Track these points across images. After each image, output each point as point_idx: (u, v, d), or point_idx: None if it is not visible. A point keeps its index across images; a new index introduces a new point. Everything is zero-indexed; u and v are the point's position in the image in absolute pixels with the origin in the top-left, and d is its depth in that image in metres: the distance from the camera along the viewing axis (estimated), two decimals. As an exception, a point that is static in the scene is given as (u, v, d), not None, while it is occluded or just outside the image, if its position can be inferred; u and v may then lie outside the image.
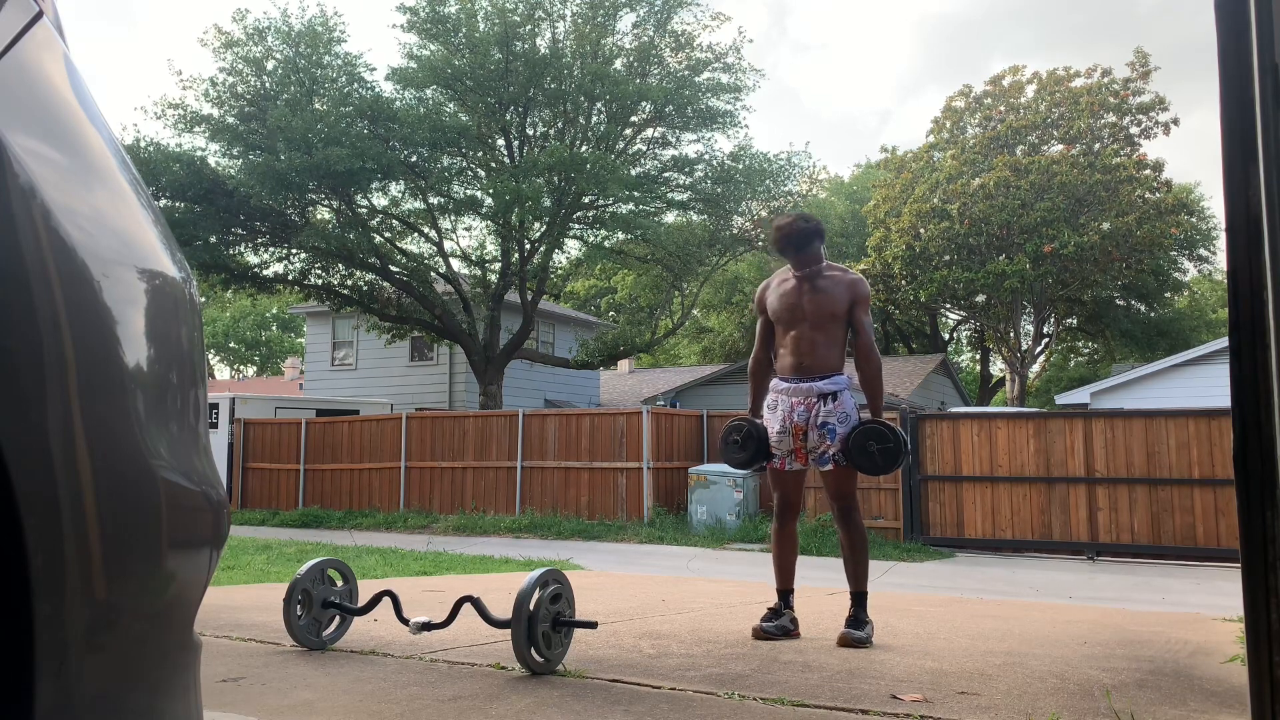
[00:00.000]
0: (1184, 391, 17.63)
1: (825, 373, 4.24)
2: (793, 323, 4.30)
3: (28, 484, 0.78)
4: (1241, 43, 1.71)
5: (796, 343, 4.28)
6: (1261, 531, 1.66)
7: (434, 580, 7.20)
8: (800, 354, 4.26)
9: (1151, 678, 3.53)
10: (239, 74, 19.05)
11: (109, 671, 0.89)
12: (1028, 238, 25.55)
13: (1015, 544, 12.17)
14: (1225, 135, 1.74)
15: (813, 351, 4.25)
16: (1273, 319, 1.64)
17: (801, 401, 4.23)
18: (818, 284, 4.27)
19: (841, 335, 4.30)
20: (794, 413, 4.24)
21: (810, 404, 4.21)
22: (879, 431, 4.09)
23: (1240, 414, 1.71)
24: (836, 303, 4.23)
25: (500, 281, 20.76)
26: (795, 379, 4.27)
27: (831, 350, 4.26)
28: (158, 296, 1.05)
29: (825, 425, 4.17)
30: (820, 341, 4.24)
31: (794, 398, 4.25)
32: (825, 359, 4.25)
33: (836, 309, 4.23)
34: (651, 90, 19.01)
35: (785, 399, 4.28)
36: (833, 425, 4.16)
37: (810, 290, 4.27)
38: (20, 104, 0.91)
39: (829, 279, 4.28)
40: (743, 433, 4.36)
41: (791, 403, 4.25)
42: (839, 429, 4.15)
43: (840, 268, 4.40)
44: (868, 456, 4.08)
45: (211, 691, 2.97)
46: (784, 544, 4.41)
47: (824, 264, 4.33)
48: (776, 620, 4.25)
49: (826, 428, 4.17)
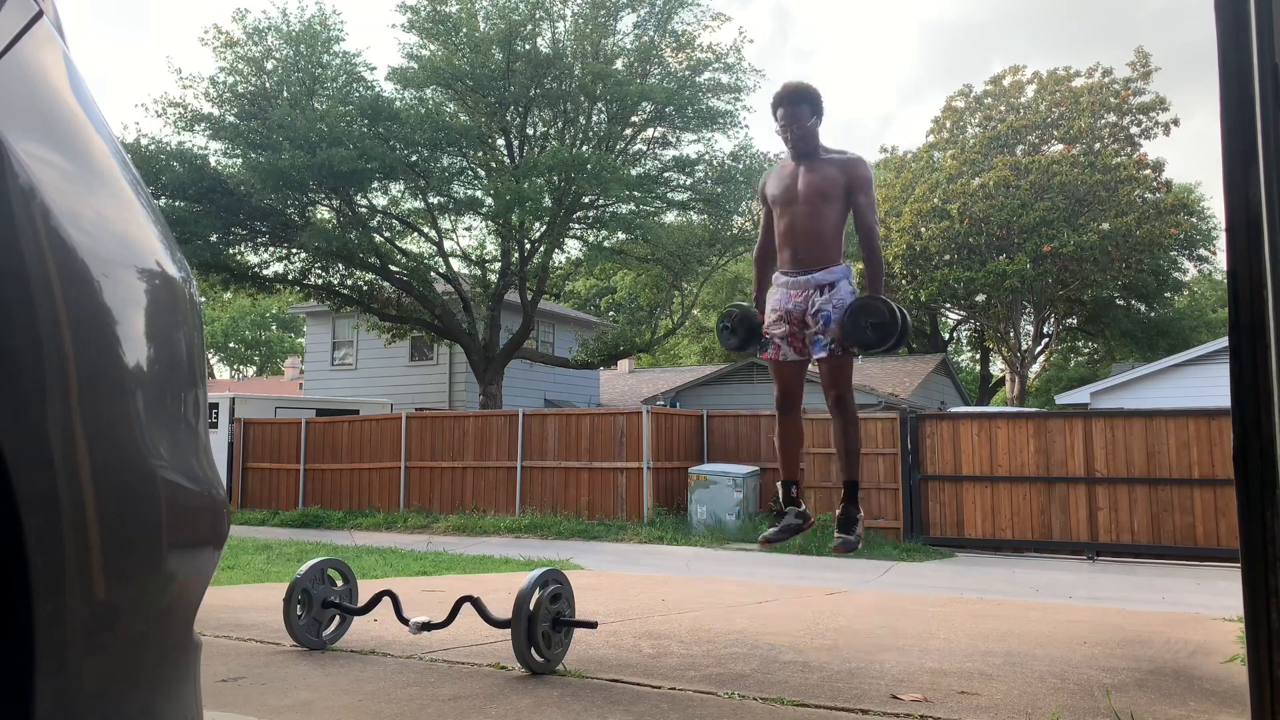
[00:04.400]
0: (1184, 391, 17.63)
1: (822, 265, 4.16)
2: (788, 209, 4.20)
3: (28, 484, 0.78)
4: (1241, 43, 1.71)
5: (791, 231, 4.19)
6: (1261, 531, 1.66)
7: (434, 580, 7.19)
8: (796, 244, 4.18)
9: (1151, 678, 3.53)
10: (239, 73, 19.06)
11: (109, 671, 0.89)
12: (1028, 237, 25.55)
13: (1015, 544, 12.17)
14: (1225, 135, 1.74)
15: (808, 242, 4.15)
16: (1273, 319, 1.64)
17: (799, 293, 4.17)
18: (813, 166, 4.16)
19: (838, 221, 4.18)
20: (789, 303, 4.18)
21: (807, 295, 4.16)
22: (873, 306, 4.00)
23: (1240, 414, 1.71)
24: (830, 184, 4.11)
25: (500, 281, 20.76)
26: (793, 272, 4.20)
27: (827, 238, 4.16)
28: (158, 297, 1.05)
29: (820, 312, 4.11)
30: (814, 227, 4.14)
31: (791, 290, 4.19)
32: (822, 249, 4.15)
33: (830, 190, 4.11)
34: (652, 90, 19.00)
35: (783, 290, 4.22)
36: (828, 312, 4.10)
37: (805, 173, 4.17)
38: (20, 103, 0.91)
39: (824, 161, 4.17)
40: (734, 319, 4.36)
41: (789, 294, 4.19)
42: (834, 315, 4.09)
43: (839, 150, 4.26)
44: (858, 330, 4.00)
45: (211, 691, 2.97)
46: (787, 433, 4.34)
47: (822, 148, 4.21)
48: (781, 523, 4.22)
49: (821, 314, 4.11)
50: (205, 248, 18.37)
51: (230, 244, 19.68)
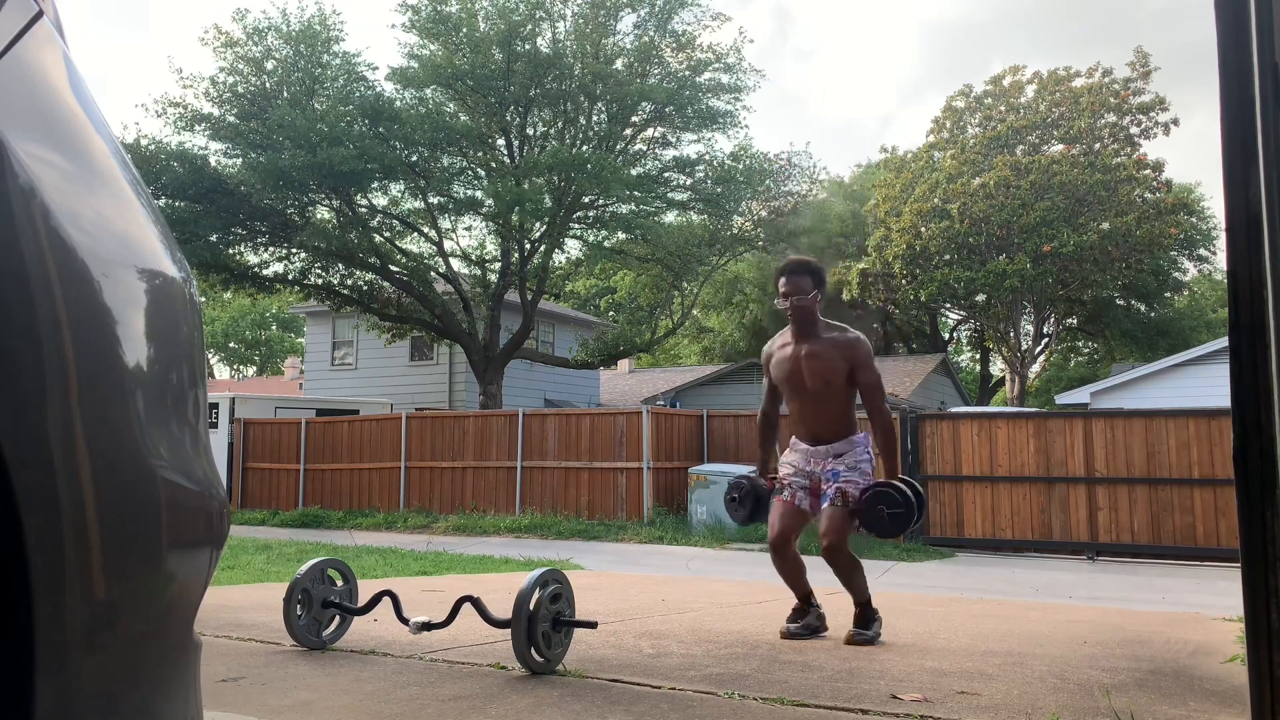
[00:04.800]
0: (1184, 391, 17.63)
1: (838, 439, 4.30)
2: (795, 393, 4.34)
3: (28, 484, 0.78)
4: (1241, 43, 1.71)
5: (803, 414, 4.34)
6: (1261, 531, 1.66)
7: (434, 580, 7.19)
8: (808, 425, 4.34)
9: (1151, 678, 3.53)
10: (239, 73, 19.07)
11: (109, 671, 0.89)
12: (1028, 237, 25.53)
13: (1015, 544, 12.17)
14: (1225, 135, 1.74)
15: (820, 424, 4.30)
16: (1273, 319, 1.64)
17: (819, 461, 4.31)
18: (814, 351, 4.25)
19: (847, 399, 4.31)
20: (808, 464, 4.33)
21: (825, 463, 4.30)
22: (890, 495, 4.08)
23: (1240, 414, 1.71)
24: (834, 372, 4.23)
25: (500, 281, 20.76)
26: (811, 443, 4.35)
27: (839, 417, 4.30)
28: (158, 297, 1.05)
29: (831, 471, 4.24)
30: (825, 411, 4.28)
31: (812, 458, 4.33)
32: (836, 428, 4.30)
33: (834, 378, 4.24)
34: (652, 90, 19.00)
35: (804, 457, 4.35)
36: (838, 470, 4.22)
37: (807, 358, 4.26)
38: (20, 103, 0.91)
39: (825, 343, 4.25)
40: (742, 490, 4.49)
41: (810, 460, 4.33)
42: (844, 473, 4.20)
43: (839, 327, 4.35)
44: (877, 519, 4.09)
45: (211, 691, 2.97)
46: (788, 567, 4.36)
47: (820, 324, 4.29)
48: (802, 620, 4.27)
49: (831, 473, 4.24)
50: (205, 248, 18.37)
51: (230, 244, 19.68)
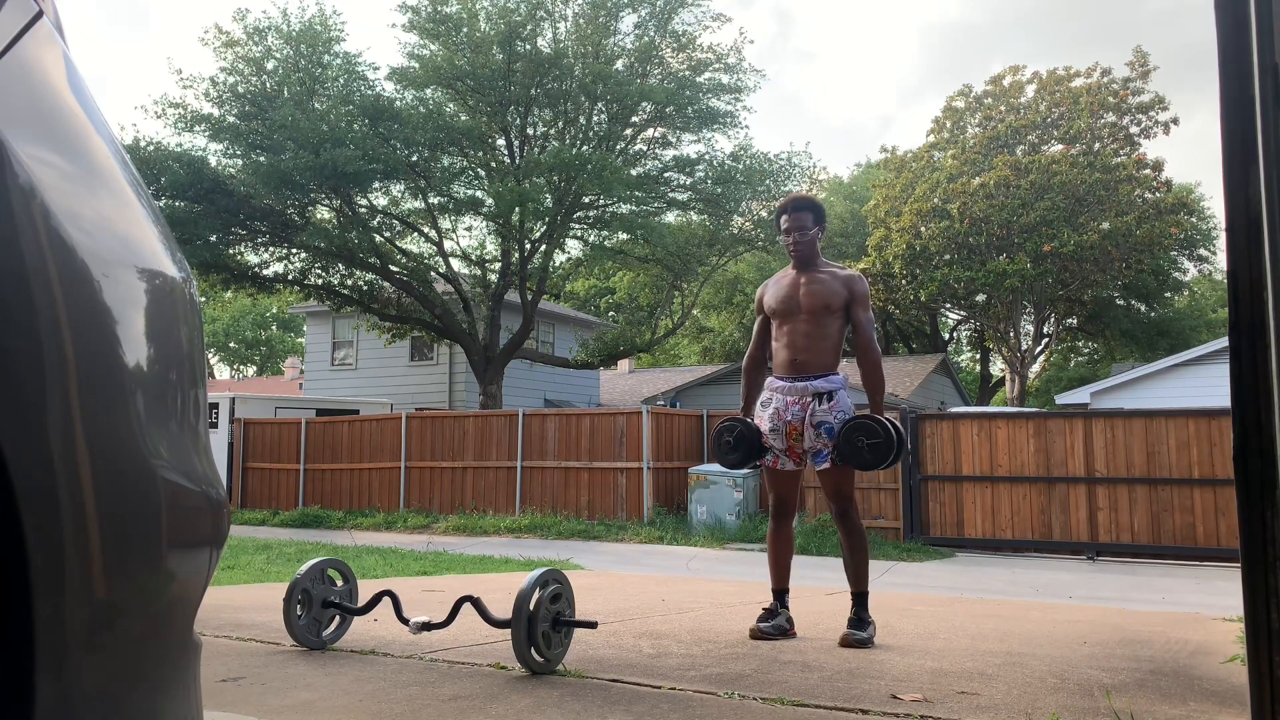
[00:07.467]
0: (1184, 391, 17.63)
1: (820, 371, 4.20)
2: (788, 316, 4.27)
3: (28, 484, 0.78)
4: (1241, 43, 1.71)
5: (791, 337, 4.25)
6: (1261, 531, 1.66)
7: (434, 580, 7.19)
8: (795, 349, 4.22)
9: (1151, 678, 3.53)
10: (239, 74, 19.07)
11: (109, 671, 0.89)
12: (1028, 237, 25.54)
13: (1015, 544, 12.16)
14: (1225, 135, 1.74)
15: (808, 347, 4.21)
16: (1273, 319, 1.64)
17: (796, 400, 4.18)
18: (815, 277, 4.28)
19: (838, 332, 4.26)
20: (787, 411, 4.18)
21: (805, 403, 4.16)
22: (868, 426, 4.01)
23: (1240, 414, 1.71)
24: (833, 296, 4.22)
25: (500, 281, 20.76)
26: (790, 378, 4.23)
27: (827, 347, 4.22)
28: (158, 297, 1.05)
29: (822, 424, 4.12)
30: (815, 336, 4.21)
31: (788, 396, 4.20)
32: (820, 356, 4.21)
33: (832, 302, 4.21)
34: (652, 90, 19.00)
35: (779, 396, 4.23)
36: (830, 424, 4.11)
37: (807, 283, 4.27)
38: (20, 103, 0.91)
39: (826, 273, 4.30)
40: (734, 433, 4.31)
41: (786, 401, 4.20)
42: (837, 427, 4.10)
43: (838, 265, 4.43)
44: (855, 451, 4.00)
45: (211, 691, 2.97)
46: (780, 544, 4.39)
47: (820, 260, 4.36)
48: (773, 620, 4.24)
49: (824, 426, 4.12)
50: (205, 248, 18.38)
51: (230, 244, 19.68)
